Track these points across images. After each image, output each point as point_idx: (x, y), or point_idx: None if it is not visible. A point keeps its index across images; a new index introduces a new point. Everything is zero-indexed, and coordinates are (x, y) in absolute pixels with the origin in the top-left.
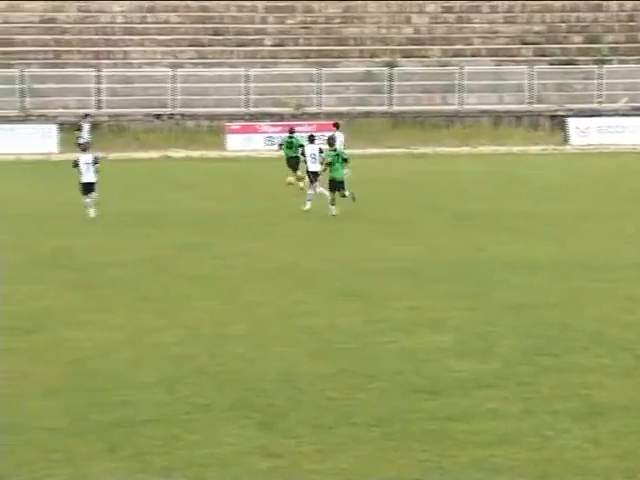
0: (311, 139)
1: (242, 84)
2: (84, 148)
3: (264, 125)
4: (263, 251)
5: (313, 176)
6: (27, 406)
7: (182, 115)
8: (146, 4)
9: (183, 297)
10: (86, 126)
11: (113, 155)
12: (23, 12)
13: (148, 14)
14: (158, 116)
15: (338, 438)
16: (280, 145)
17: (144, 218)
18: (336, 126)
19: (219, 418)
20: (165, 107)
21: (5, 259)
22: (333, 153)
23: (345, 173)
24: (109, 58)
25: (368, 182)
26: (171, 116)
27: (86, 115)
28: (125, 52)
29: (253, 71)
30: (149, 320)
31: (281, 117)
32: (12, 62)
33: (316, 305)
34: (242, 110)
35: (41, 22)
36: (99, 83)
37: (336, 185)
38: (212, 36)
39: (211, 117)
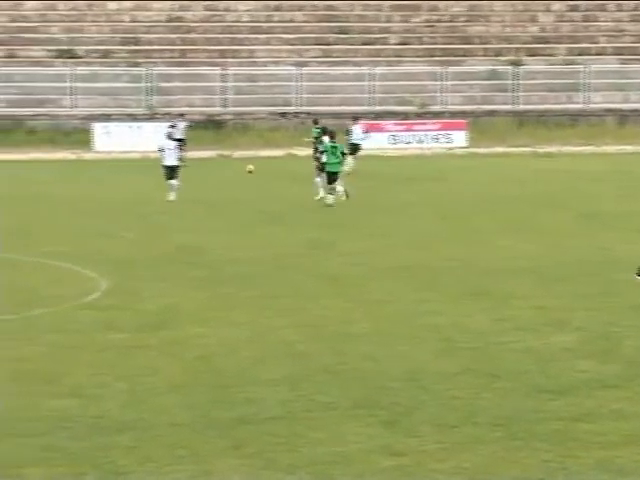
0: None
1: (366, 83)
2: (170, 134)
3: (388, 124)
4: (386, 249)
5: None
6: (154, 402)
7: (307, 114)
8: (272, 3)
9: (308, 295)
10: (181, 125)
11: (238, 153)
12: (150, 11)
13: (274, 13)
14: (283, 115)
15: (461, 437)
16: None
17: (269, 216)
18: (355, 119)
19: (343, 416)
20: (290, 106)
21: (135, 256)
22: (330, 145)
23: (342, 169)
24: (234, 57)
25: (493, 180)
26: (296, 115)
27: (181, 115)
28: (250, 51)
29: (378, 70)
30: (274, 318)
31: (405, 116)
32: (139, 60)
33: (440, 304)
34: (366, 109)
35: (168, 21)
36: (225, 82)
37: (330, 177)
38: (337, 35)
39: (336, 115)
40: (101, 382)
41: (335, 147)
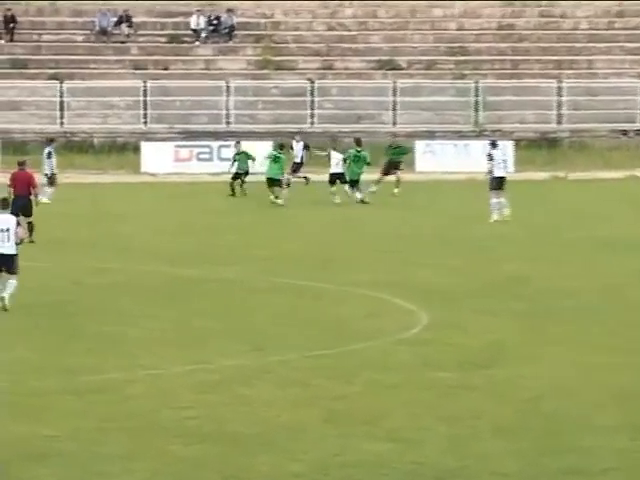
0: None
1: None
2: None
3: None
4: None
5: None
6: (477, 448)
7: None
8: (614, 8)
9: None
10: (297, 145)
11: (574, 175)
12: (480, 18)
13: (616, 19)
14: (624, 132)
15: None
16: None
17: (600, 242)
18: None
19: None
20: (633, 122)
21: (458, 286)
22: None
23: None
24: (571, 68)
25: None
26: (639, 132)
27: (297, 133)
28: (589, 61)
29: None
30: (610, 357)
31: None
32: (466, 72)
33: None
34: None
35: (498, 29)
36: (560, 95)
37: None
38: None
39: None
40: (421, 425)
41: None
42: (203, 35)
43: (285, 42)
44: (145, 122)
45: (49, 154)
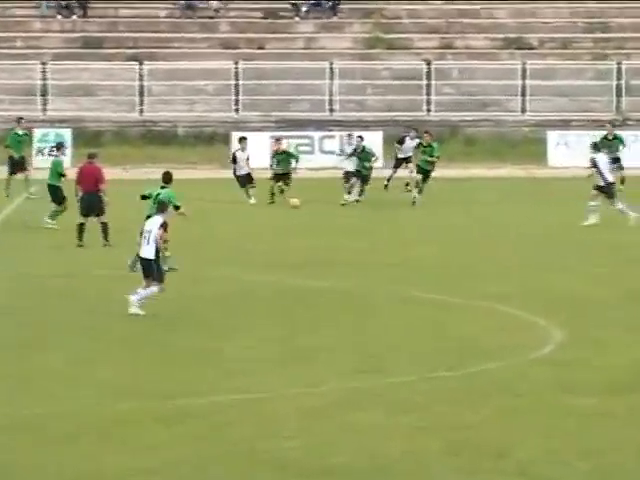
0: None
1: None
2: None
3: None
4: None
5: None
6: None
7: None
8: None
9: None
10: (410, 142)
11: None
12: None
13: None
14: None
15: None
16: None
17: None
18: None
19: None
20: None
21: (599, 297)
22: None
23: None
24: None
25: None
26: None
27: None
28: None
29: None
30: None
31: None
32: (608, 52)
33: None
34: None
35: None
36: None
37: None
38: None
39: None
40: (557, 459)
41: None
42: (303, 9)
43: (398, 17)
44: (237, 109)
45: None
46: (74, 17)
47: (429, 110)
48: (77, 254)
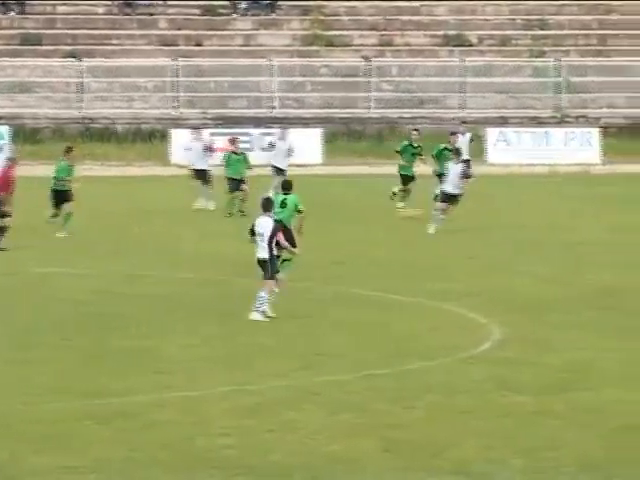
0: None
1: None
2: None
3: None
4: None
5: None
6: None
7: None
8: None
9: None
10: (462, 138)
11: None
12: None
13: None
14: None
15: None
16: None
17: None
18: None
19: None
20: None
21: (542, 297)
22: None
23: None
24: None
25: None
26: None
27: (463, 122)
28: None
29: None
30: None
31: None
32: (545, 49)
33: None
34: None
35: None
36: None
37: None
38: None
39: None
40: (493, 457)
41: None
42: (242, 6)
43: (337, 14)
44: (175, 107)
45: None
46: (12, 14)
47: (368, 107)
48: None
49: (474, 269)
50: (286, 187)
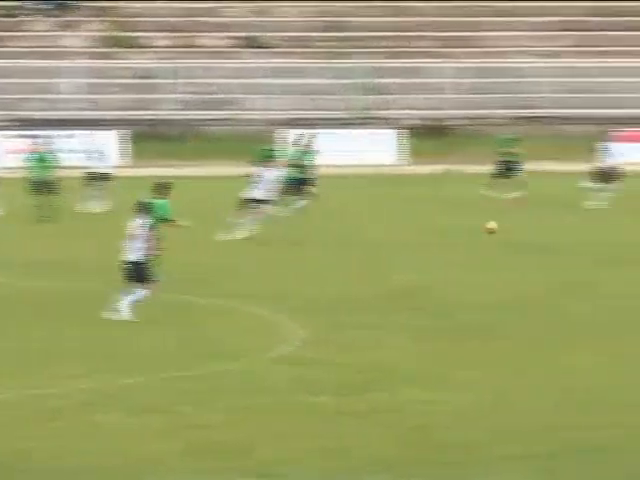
0: None
1: None
2: None
3: None
4: None
5: None
6: None
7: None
8: None
9: (550, 347)
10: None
11: (471, 168)
12: None
13: None
14: (530, 119)
15: None
16: None
17: (517, 248)
18: None
19: None
20: (535, 108)
21: (343, 299)
22: None
23: None
24: (469, 46)
25: None
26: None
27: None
28: (488, 38)
29: None
30: (517, 378)
31: None
32: (346, 51)
33: None
34: None
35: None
36: (455, 78)
37: None
38: (601, 18)
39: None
40: (293, 457)
41: None
42: (39, 7)
43: (136, 15)
44: None
45: None
46: None
47: (169, 109)
48: None
49: (278, 272)
50: (158, 191)
